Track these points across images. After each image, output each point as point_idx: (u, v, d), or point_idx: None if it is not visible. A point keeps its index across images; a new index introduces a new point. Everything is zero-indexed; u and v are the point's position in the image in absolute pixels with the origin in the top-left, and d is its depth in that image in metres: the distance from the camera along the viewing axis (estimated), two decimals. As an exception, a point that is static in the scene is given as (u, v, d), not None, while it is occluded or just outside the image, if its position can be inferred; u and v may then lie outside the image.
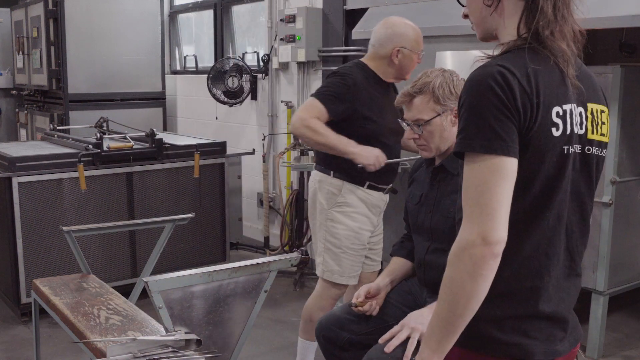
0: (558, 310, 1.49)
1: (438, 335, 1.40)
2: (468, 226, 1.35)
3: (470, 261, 1.33)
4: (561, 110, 1.40)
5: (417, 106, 2.30)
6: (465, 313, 1.36)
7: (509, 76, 1.35)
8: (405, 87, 2.35)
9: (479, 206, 1.33)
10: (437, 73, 2.31)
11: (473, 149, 1.35)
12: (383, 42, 2.91)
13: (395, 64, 2.92)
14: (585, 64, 1.54)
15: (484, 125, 1.34)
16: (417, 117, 2.31)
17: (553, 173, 1.41)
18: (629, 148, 3.40)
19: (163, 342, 2.03)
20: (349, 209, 2.95)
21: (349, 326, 2.42)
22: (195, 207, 4.44)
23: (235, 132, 5.81)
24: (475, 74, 1.39)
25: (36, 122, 6.42)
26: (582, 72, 1.49)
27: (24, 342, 3.74)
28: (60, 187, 4.00)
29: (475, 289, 1.34)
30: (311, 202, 3.07)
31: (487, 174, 1.33)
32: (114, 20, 5.82)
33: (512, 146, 1.34)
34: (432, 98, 2.27)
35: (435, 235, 2.30)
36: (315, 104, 2.83)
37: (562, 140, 1.40)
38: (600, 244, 3.38)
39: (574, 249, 1.52)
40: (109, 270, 4.16)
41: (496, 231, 1.32)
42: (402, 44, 2.89)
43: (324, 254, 2.99)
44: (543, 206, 1.42)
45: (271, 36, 5.25)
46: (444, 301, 1.38)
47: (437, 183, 2.35)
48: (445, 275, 1.38)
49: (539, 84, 1.37)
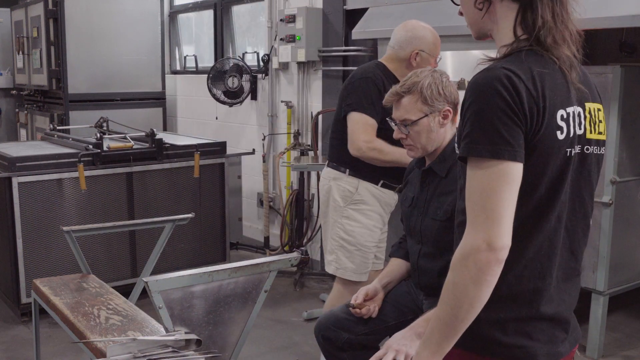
0: (560, 311, 1.49)
1: (438, 338, 1.40)
2: (473, 232, 1.34)
3: (475, 267, 1.32)
4: (565, 114, 1.40)
5: (405, 106, 2.29)
6: (467, 317, 1.36)
7: (515, 79, 1.33)
8: (394, 86, 2.34)
9: (484, 212, 1.32)
10: (427, 73, 2.29)
11: (480, 154, 1.33)
12: (403, 45, 2.94)
13: (413, 66, 2.93)
14: (585, 64, 1.54)
15: (491, 130, 1.32)
16: (404, 117, 2.30)
17: (556, 176, 1.41)
18: (629, 148, 3.40)
19: (163, 342, 2.03)
20: (365, 207, 2.98)
21: (348, 326, 2.42)
22: (195, 207, 4.44)
23: (235, 132, 5.81)
24: (480, 77, 1.37)
25: (36, 122, 6.41)
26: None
27: (24, 342, 3.74)
28: (60, 187, 4.00)
29: (479, 295, 1.34)
30: (324, 200, 3.08)
31: (493, 180, 1.32)
32: (114, 20, 5.82)
33: (519, 151, 1.33)
34: (420, 98, 2.25)
35: (425, 238, 2.30)
36: (365, 119, 2.85)
37: (565, 143, 1.40)
38: (600, 244, 3.38)
39: (577, 249, 1.52)
40: (109, 270, 4.16)
41: (501, 237, 1.32)
42: (421, 47, 2.93)
43: (337, 251, 3.01)
44: (546, 209, 1.42)
45: (271, 36, 5.25)
46: (446, 305, 1.37)
47: (427, 185, 2.34)
48: (448, 280, 1.37)
49: (545, 88, 1.36)
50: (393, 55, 2.98)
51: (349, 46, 4.63)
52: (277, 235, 5.28)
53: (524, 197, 1.38)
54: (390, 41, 3.01)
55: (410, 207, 2.39)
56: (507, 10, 1.44)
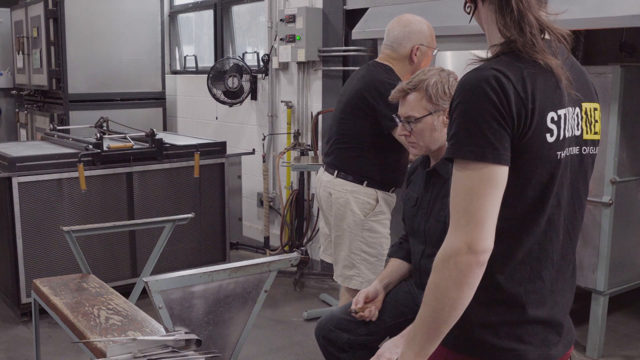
0: (552, 314, 1.48)
1: (420, 339, 1.39)
2: (455, 234, 1.33)
3: (456, 269, 1.31)
4: (556, 116, 1.38)
5: (410, 103, 2.29)
6: (449, 320, 1.35)
7: (504, 81, 1.32)
8: (401, 83, 2.34)
9: (466, 214, 1.31)
10: (434, 72, 2.30)
11: (464, 156, 1.32)
12: (402, 41, 2.90)
13: (414, 62, 2.91)
14: (585, 64, 1.53)
15: (476, 132, 1.31)
16: (408, 113, 2.30)
17: (546, 179, 1.39)
18: (629, 148, 3.39)
19: (163, 342, 2.03)
20: (383, 217, 2.96)
21: (348, 327, 2.42)
22: (195, 207, 4.44)
23: (235, 132, 5.81)
24: (469, 77, 1.36)
25: (36, 122, 6.41)
26: (575, 69, 1.48)
27: (24, 342, 3.74)
28: (60, 187, 4.00)
29: (460, 297, 1.32)
30: (339, 213, 2.97)
31: (477, 182, 1.31)
32: (114, 20, 5.82)
33: (504, 154, 1.32)
34: (425, 96, 2.26)
35: (429, 239, 2.30)
36: None
37: (555, 146, 1.38)
38: (600, 244, 3.38)
39: (572, 250, 1.51)
40: (109, 270, 4.16)
41: (483, 240, 1.30)
42: (421, 41, 2.89)
43: (359, 265, 2.94)
44: (536, 212, 1.41)
45: (271, 36, 5.25)
46: (428, 306, 1.36)
47: (431, 186, 2.34)
48: (430, 281, 1.36)
49: (535, 89, 1.35)
50: (393, 54, 2.94)
51: (349, 46, 4.63)
52: (277, 235, 5.28)
53: (513, 200, 1.37)
54: (386, 39, 2.95)
55: (414, 207, 2.38)
56: (489, 12, 1.43)
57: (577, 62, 1.52)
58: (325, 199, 3.06)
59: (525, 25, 1.37)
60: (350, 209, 2.93)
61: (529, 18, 1.38)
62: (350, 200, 2.92)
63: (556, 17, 1.45)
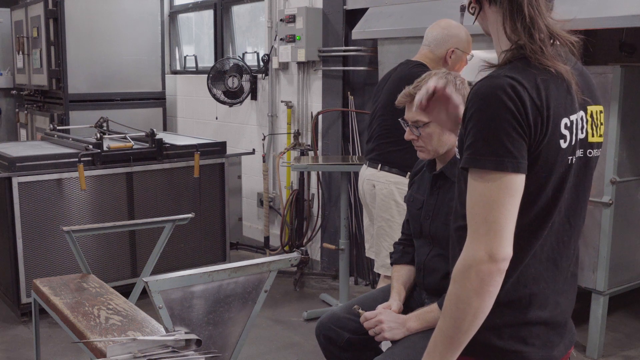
0: (555, 315, 1.49)
1: (441, 350, 1.39)
2: (474, 243, 1.32)
3: (477, 278, 1.31)
4: (569, 122, 1.38)
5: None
6: (470, 329, 1.35)
7: (519, 89, 1.31)
8: (407, 87, 2.32)
9: (486, 223, 1.31)
10: (440, 75, 2.28)
11: (483, 166, 1.32)
12: (439, 43, 3.01)
13: (448, 64, 3.00)
14: (585, 64, 1.53)
15: (495, 141, 1.31)
16: (416, 118, 2.28)
17: (558, 184, 1.39)
18: (629, 148, 3.39)
19: (163, 342, 2.03)
20: None
21: (349, 326, 2.41)
22: (195, 207, 4.44)
23: (235, 132, 5.81)
24: (484, 86, 1.34)
25: (36, 122, 6.41)
26: (579, 72, 1.47)
27: (24, 342, 3.74)
28: (60, 187, 4.00)
29: (481, 306, 1.33)
30: (383, 204, 3.05)
31: (496, 192, 1.31)
32: (114, 20, 5.82)
33: (522, 162, 1.32)
34: None
35: (436, 241, 2.28)
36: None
37: (568, 151, 1.39)
38: (600, 244, 3.38)
39: (574, 251, 1.51)
40: (109, 270, 4.16)
41: (503, 248, 1.31)
42: (457, 45, 3.00)
43: None
44: (545, 217, 1.41)
45: (271, 36, 5.25)
46: (449, 318, 1.36)
47: (437, 189, 2.32)
48: (450, 292, 1.36)
49: (549, 96, 1.34)
50: (430, 54, 3.05)
51: (349, 46, 4.63)
52: (277, 235, 5.28)
53: (526, 207, 1.36)
54: (425, 39, 3.08)
55: (419, 209, 2.37)
56: (496, 15, 1.43)
57: (583, 67, 1.52)
58: (369, 191, 3.15)
59: (536, 31, 1.37)
60: (394, 199, 3.03)
61: (540, 24, 1.37)
62: (394, 191, 3.03)
63: (563, 24, 1.44)
